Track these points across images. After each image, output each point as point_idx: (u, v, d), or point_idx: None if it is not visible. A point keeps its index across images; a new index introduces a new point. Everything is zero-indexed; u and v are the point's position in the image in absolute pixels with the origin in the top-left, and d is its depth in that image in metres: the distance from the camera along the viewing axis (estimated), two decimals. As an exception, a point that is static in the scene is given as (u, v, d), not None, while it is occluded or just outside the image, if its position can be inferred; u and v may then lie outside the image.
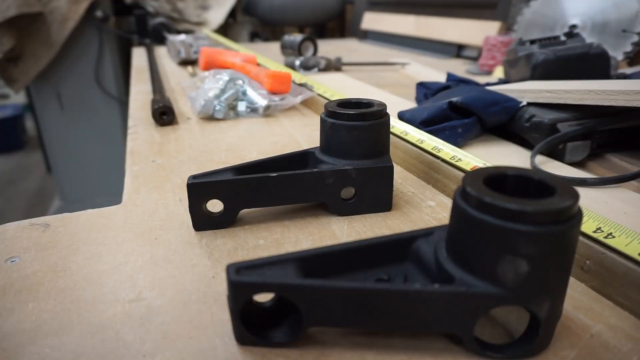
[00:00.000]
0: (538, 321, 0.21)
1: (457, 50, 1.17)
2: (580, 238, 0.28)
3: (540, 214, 0.19)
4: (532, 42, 0.64)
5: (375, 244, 0.25)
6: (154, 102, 0.62)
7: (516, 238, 0.19)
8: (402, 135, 0.46)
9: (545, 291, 0.20)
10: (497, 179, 0.22)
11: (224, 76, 0.65)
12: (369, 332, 0.24)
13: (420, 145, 0.43)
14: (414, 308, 0.21)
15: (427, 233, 0.25)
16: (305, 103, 0.68)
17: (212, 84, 0.64)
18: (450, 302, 0.21)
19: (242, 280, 0.21)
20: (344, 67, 0.98)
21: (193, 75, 0.91)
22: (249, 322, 0.23)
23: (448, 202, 0.38)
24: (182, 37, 1.25)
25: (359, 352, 0.22)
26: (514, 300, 0.20)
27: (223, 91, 0.63)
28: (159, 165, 0.46)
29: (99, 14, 1.67)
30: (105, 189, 1.86)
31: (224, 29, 1.93)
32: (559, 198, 0.19)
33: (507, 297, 0.20)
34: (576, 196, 0.20)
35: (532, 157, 0.43)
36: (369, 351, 0.22)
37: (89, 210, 0.37)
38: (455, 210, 0.22)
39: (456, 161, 0.39)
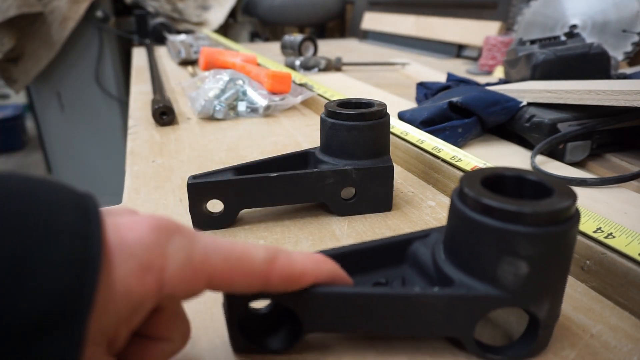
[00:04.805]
0: (537, 322, 0.21)
1: (457, 50, 1.17)
2: (580, 238, 0.28)
3: (540, 214, 0.19)
4: (532, 42, 0.64)
5: (372, 248, 0.25)
6: (154, 102, 0.62)
7: (517, 240, 0.19)
8: (402, 135, 0.46)
9: (544, 292, 0.20)
10: (495, 180, 0.22)
11: (224, 76, 0.65)
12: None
13: (421, 145, 0.43)
14: (413, 312, 0.21)
15: (424, 235, 0.25)
16: (306, 103, 0.68)
17: (212, 84, 0.64)
18: (450, 305, 0.21)
19: None
20: (344, 67, 0.98)
21: (193, 75, 0.91)
22: (245, 329, 0.22)
23: (448, 202, 0.38)
24: (182, 37, 1.25)
25: (360, 352, 0.22)
26: (514, 301, 0.20)
27: (223, 91, 0.63)
28: (159, 166, 0.46)
29: (99, 14, 1.67)
30: (105, 189, 1.86)
31: (224, 29, 1.93)
32: (557, 198, 0.19)
33: (507, 298, 0.20)
34: (574, 196, 0.20)
35: (533, 157, 0.43)
36: (369, 351, 0.22)
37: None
38: (453, 212, 0.21)
39: (456, 161, 0.39)
